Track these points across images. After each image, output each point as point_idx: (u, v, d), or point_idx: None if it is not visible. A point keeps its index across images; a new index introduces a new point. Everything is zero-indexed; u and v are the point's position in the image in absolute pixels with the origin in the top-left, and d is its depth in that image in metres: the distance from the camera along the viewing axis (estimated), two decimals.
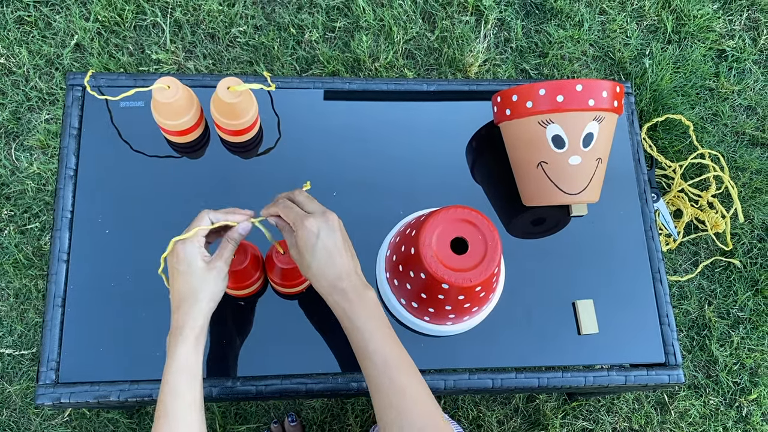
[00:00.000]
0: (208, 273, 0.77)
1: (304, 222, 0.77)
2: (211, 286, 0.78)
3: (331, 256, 0.77)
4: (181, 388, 0.73)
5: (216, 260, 0.79)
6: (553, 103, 0.91)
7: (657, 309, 1.05)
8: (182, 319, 0.76)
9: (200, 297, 0.77)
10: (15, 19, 1.64)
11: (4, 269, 1.48)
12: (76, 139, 1.03)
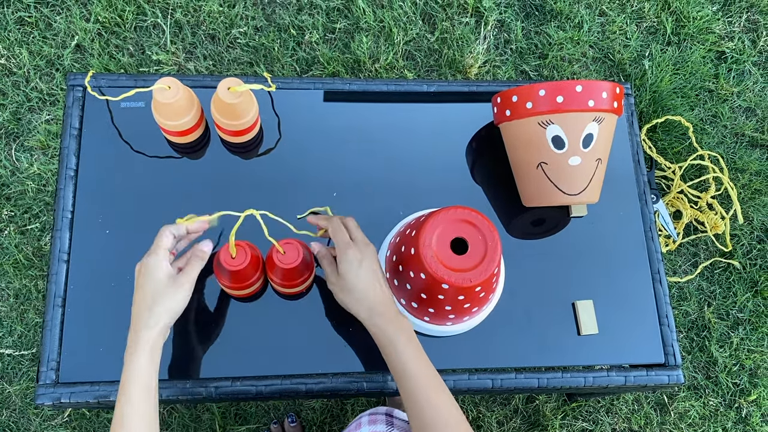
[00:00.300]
0: (169, 288, 0.79)
1: (348, 250, 0.84)
2: (170, 302, 0.79)
3: (372, 284, 0.83)
4: (135, 399, 0.74)
5: (181, 276, 0.80)
6: (553, 104, 0.91)
7: (657, 310, 1.05)
8: (139, 328, 0.77)
9: (157, 311, 0.78)
10: (16, 19, 1.64)
11: (4, 269, 1.48)
12: (77, 140, 1.03)
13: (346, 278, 0.84)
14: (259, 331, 0.96)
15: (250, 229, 0.91)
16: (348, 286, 0.84)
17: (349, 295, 0.84)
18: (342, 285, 0.85)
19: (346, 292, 0.84)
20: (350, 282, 0.83)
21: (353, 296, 0.84)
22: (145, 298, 0.78)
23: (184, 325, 0.95)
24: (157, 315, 0.77)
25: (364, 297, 0.83)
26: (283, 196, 1.03)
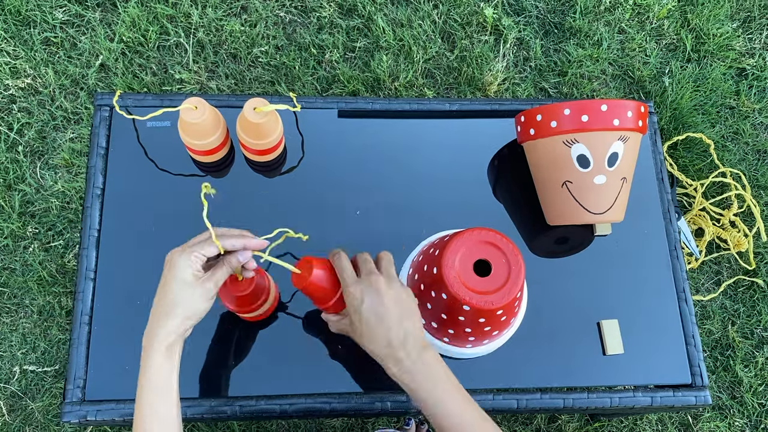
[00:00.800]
0: (192, 289, 0.74)
1: (348, 288, 0.78)
2: (191, 303, 0.74)
3: (381, 321, 0.76)
4: (151, 400, 0.72)
5: (206, 280, 0.76)
6: (578, 123, 0.91)
7: (683, 329, 1.04)
8: (156, 328, 0.74)
9: (177, 312, 0.74)
10: (42, 40, 1.67)
11: (28, 286, 1.49)
12: (104, 159, 1.04)
13: (352, 321, 0.79)
14: (283, 350, 0.96)
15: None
16: (356, 331, 0.79)
17: (361, 339, 0.79)
18: (352, 330, 0.80)
19: (358, 337, 0.80)
20: (356, 325, 0.78)
21: (364, 340, 0.79)
22: (166, 297, 0.74)
23: (210, 344, 0.95)
24: (176, 316, 0.74)
25: (371, 341, 0.77)
26: (306, 215, 1.04)
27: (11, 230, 1.52)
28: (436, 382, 0.76)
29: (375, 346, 0.77)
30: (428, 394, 0.75)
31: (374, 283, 0.77)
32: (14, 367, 1.45)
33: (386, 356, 0.77)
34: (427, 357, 0.77)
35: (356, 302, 0.77)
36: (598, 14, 1.85)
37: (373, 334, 0.77)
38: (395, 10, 1.77)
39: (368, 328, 0.77)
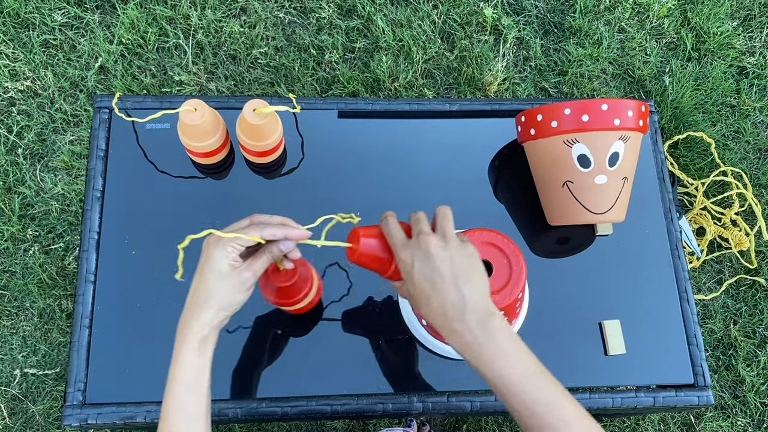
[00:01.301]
0: (228, 280, 0.71)
1: (398, 252, 0.70)
2: (226, 295, 0.71)
3: (434, 287, 0.67)
4: (180, 395, 0.70)
5: (244, 270, 0.72)
6: (579, 123, 0.91)
7: (684, 329, 1.04)
8: (190, 320, 0.71)
9: (211, 303, 0.70)
10: (41, 42, 1.67)
11: (28, 289, 1.49)
12: (103, 161, 1.04)
13: (408, 289, 0.71)
14: (284, 352, 0.96)
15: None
16: (411, 298, 0.72)
17: (418, 308, 0.71)
18: (409, 298, 0.73)
19: (415, 306, 0.71)
20: (411, 292, 0.70)
21: (419, 309, 0.70)
22: (201, 288, 0.71)
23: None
24: (210, 308, 0.70)
25: (427, 309, 0.68)
26: (306, 216, 1.03)
27: (11, 233, 1.52)
28: (501, 356, 0.65)
29: (432, 316, 0.68)
30: (492, 372, 0.65)
31: (424, 244, 0.68)
32: (15, 371, 1.45)
33: (443, 327, 0.68)
34: (490, 327, 0.66)
35: (407, 267, 0.69)
36: (598, 13, 1.85)
37: (429, 303, 0.68)
38: (395, 10, 1.77)
39: (423, 296, 0.68)
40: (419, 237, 0.69)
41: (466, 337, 0.66)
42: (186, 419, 0.70)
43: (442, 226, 0.71)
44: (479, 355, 0.65)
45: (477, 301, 0.67)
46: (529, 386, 0.64)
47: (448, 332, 0.67)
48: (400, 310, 0.98)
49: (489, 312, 0.66)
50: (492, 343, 0.65)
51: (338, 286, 1.00)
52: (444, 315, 0.67)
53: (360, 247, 0.73)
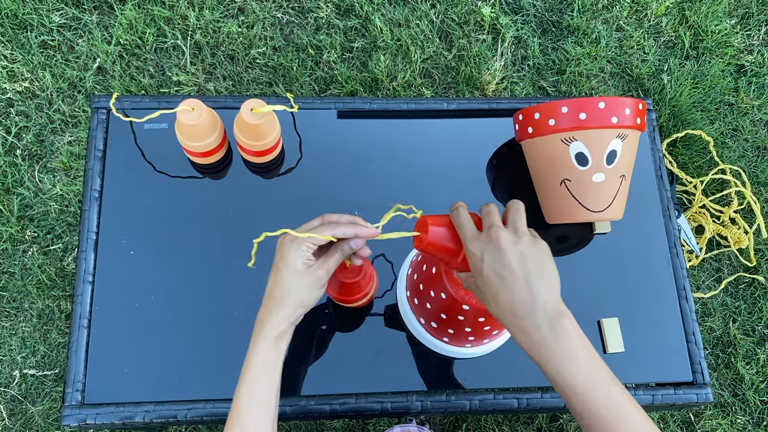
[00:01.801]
0: (303, 278, 0.73)
1: (467, 246, 0.69)
2: (302, 293, 0.74)
3: (503, 283, 0.65)
4: (254, 387, 0.73)
5: (318, 268, 0.74)
6: (576, 121, 0.91)
7: (683, 327, 1.04)
8: (266, 316, 0.74)
9: (288, 301, 0.74)
10: (39, 43, 1.67)
11: (27, 290, 1.49)
12: (101, 161, 1.04)
13: (476, 283, 0.69)
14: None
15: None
16: (480, 293, 0.69)
17: (486, 304, 0.69)
18: (477, 293, 0.71)
19: (483, 301, 0.70)
20: (480, 287, 0.68)
21: (488, 304, 0.69)
22: (278, 285, 0.74)
23: (207, 347, 0.95)
24: (287, 305, 0.73)
25: (495, 305, 0.67)
26: (304, 216, 1.03)
27: (10, 234, 1.52)
28: (568, 358, 0.63)
29: (498, 311, 0.67)
30: (560, 376, 0.63)
31: (495, 238, 0.66)
32: (14, 371, 1.45)
33: (510, 324, 0.66)
34: (560, 328, 0.64)
35: (476, 261, 0.67)
36: (596, 12, 1.85)
37: (497, 299, 0.66)
38: (393, 9, 1.77)
39: (491, 291, 0.66)
40: (490, 230, 0.67)
41: (534, 335, 0.64)
42: (258, 408, 0.72)
43: (514, 220, 0.69)
44: (546, 355, 0.64)
45: (547, 300, 0.65)
46: (594, 390, 0.63)
47: (514, 329, 0.66)
48: (399, 308, 0.98)
49: (559, 312, 0.65)
50: (560, 344, 0.64)
51: None
52: (512, 312, 0.65)
53: (428, 236, 0.72)
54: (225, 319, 0.97)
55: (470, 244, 0.68)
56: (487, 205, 0.72)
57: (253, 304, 0.97)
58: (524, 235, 0.67)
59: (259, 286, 0.98)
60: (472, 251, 0.68)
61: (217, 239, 1.01)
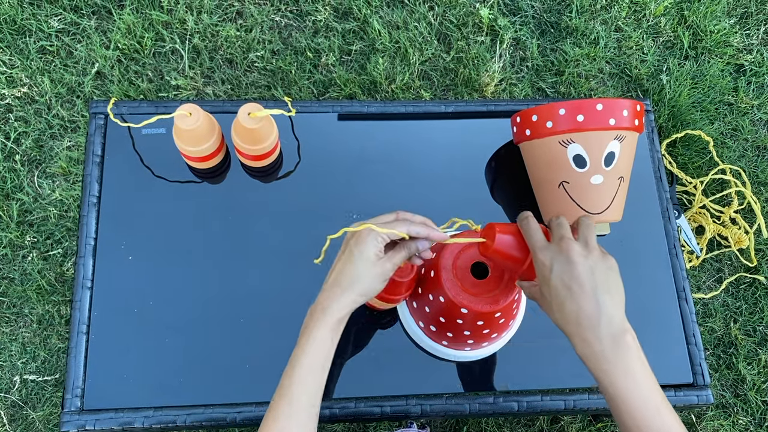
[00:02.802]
0: (373, 268, 0.74)
1: (536, 255, 0.71)
2: (368, 281, 0.74)
3: (571, 294, 0.67)
4: (305, 372, 0.72)
5: (387, 261, 0.75)
6: (574, 123, 0.91)
7: (683, 328, 1.03)
8: (329, 301, 0.74)
9: (355, 287, 0.74)
10: (37, 48, 1.67)
11: (27, 295, 1.49)
12: (99, 167, 1.04)
13: (542, 292, 0.71)
14: (281, 357, 0.96)
15: None
16: (545, 301, 0.71)
17: (550, 311, 0.71)
18: (541, 300, 0.73)
19: (546, 308, 0.72)
20: (545, 295, 0.71)
21: (552, 312, 0.71)
22: (347, 271, 0.74)
23: (207, 352, 0.95)
24: (352, 291, 0.74)
25: (561, 314, 0.69)
26: (303, 219, 1.04)
27: (9, 239, 1.52)
28: (626, 375, 0.66)
29: (562, 321, 0.69)
30: (615, 389, 0.66)
31: (566, 250, 0.68)
32: (14, 377, 1.45)
33: (572, 335, 0.68)
34: (622, 344, 0.66)
35: (544, 270, 0.69)
36: (595, 13, 1.85)
37: (563, 309, 0.68)
38: (391, 12, 1.77)
39: (557, 301, 0.69)
40: (562, 241, 0.69)
41: (595, 347, 0.66)
42: (307, 394, 0.72)
43: (585, 234, 0.71)
44: (605, 369, 0.66)
45: (613, 315, 0.67)
46: (648, 410, 0.65)
47: (577, 340, 0.68)
48: (397, 311, 0.98)
49: (623, 328, 0.67)
50: (620, 359, 0.66)
51: None
52: (576, 323, 0.67)
53: (495, 243, 0.74)
54: (225, 323, 0.97)
55: (540, 253, 0.70)
56: (557, 217, 0.74)
57: (251, 308, 0.97)
58: (594, 249, 0.70)
59: (257, 290, 0.99)
60: (541, 260, 0.70)
61: (215, 243, 1.01)
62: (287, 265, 1.00)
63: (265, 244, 1.02)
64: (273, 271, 1.00)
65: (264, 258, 1.01)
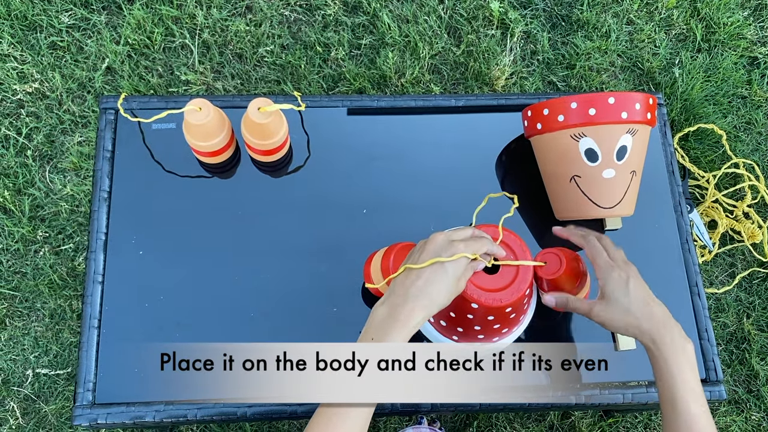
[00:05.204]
0: (455, 287, 0.76)
1: (612, 270, 0.83)
2: (448, 299, 0.75)
3: (647, 299, 0.81)
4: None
5: (462, 279, 0.77)
6: (586, 117, 0.90)
7: (696, 323, 1.03)
8: (413, 312, 0.72)
9: (441, 303, 0.74)
10: (48, 44, 1.67)
11: (39, 290, 1.50)
12: (110, 162, 1.04)
13: (618, 300, 0.81)
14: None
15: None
16: (621, 308, 0.81)
17: (627, 315, 0.81)
18: (614, 309, 0.81)
19: (622, 314, 0.81)
20: (622, 303, 0.81)
21: (631, 315, 0.80)
22: (437, 288, 0.74)
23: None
24: (436, 306, 0.74)
25: (641, 317, 0.80)
26: (313, 214, 1.03)
27: (22, 234, 1.53)
28: (689, 372, 0.78)
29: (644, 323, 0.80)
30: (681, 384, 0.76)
31: (633, 269, 0.84)
32: (27, 371, 1.46)
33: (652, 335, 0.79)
34: (687, 348, 0.80)
35: (623, 283, 0.81)
36: (606, 5, 1.83)
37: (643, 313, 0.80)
38: (400, 6, 1.76)
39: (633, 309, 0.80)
40: (628, 264, 0.85)
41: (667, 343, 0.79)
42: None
43: (617, 254, 0.86)
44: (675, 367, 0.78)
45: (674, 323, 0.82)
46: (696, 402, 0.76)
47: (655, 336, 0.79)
48: None
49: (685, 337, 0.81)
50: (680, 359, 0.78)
51: (346, 284, 0.99)
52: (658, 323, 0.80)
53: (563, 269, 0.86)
54: (234, 318, 0.97)
55: (614, 270, 0.83)
56: (604, 238, 0.89)
57: (261, 302, 0.97)
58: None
59: (267, 284, 0.99)
60: (618, 274, 0.83)
61: (225, 238, 1.01)
62: (297, 259, 1.00)
63: (275, 238, 1.02)
64: (283, 266, 1.00)
65: (274, 252, 1.01)
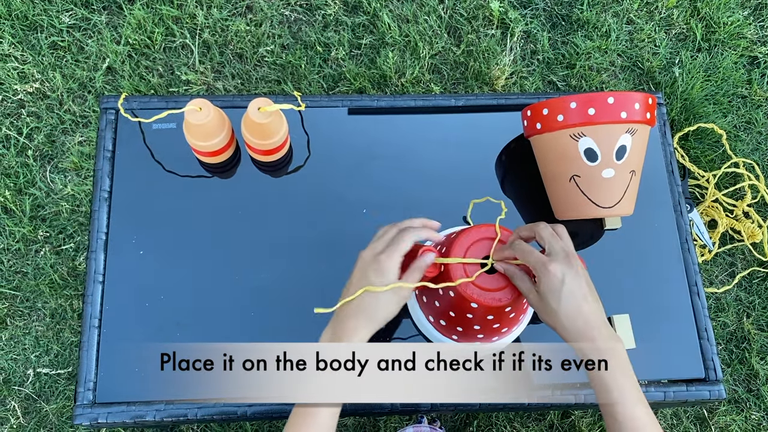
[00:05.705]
0: (394, 295, 0.75)
1: (547, 267, 0.75)
2: (390, 309, 0.75)
3: (578, 302, 0.74)
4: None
5: (404, 289, 0.76)
6: (585, 116, 0.90)
7: (695, 323, 1.03)
8: (354, 332, 0.73)
9: (378, 316, 0.74)
10: (49, 44, 1.67)
11: (40, 289, 1.50)
12: (110, 162, 1.04)
13: (548, 302, 0.75)
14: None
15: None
16: (550, 309, 0.75)
17: (555, 318, 0.75)
18: (543, 308, 0.76)
19: (550, 315, 0.76)
20: (552, 305, 0.75)
21: (558, 320, 0.75)
22: (369, 301, 0.74)
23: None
24: (378, 321, 0.74)
25: (568, 321, 0.74)
26: (313, 214, 1.04)
27: (22, 234, 1.53)
28: (622, 372, 0.73)
29: (571, 327, 0.74)
30: (613, 382, 0.72)
31: (573, 263, 0.76)
32: (28, 370, 1.46)
33: (580, 337, 0.74)
34: (617, 348, 0.74)
35: (557, 283, 0.74)
36: (606, 5, 1.83)
37: (572, 315, 0.74)
38: (400, 5, 1.77)
39: (566, 309, 0.74)
40: (568, 256, 0.76)
41: (599, 344, 0.73)
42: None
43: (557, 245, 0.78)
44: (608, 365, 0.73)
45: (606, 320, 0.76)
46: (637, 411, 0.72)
47: (585, 339, 0.74)
48: (407, 306, 0.98)
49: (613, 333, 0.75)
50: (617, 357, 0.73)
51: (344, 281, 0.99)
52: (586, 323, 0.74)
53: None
54: (235, 317, 0.97)
55: (550, 265, 0.75)
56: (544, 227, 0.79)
57: (261, 302, 0.98)
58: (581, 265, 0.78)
59: (268, 284, 0.99)
60: (553, 272, 0.74)
61: (226, 238, 1.01)
62: (297, 259, 1.00)
63: (275, 238, 1.02)
64: (283, 266, 1.00)
65: (274, 252, 1.01)
